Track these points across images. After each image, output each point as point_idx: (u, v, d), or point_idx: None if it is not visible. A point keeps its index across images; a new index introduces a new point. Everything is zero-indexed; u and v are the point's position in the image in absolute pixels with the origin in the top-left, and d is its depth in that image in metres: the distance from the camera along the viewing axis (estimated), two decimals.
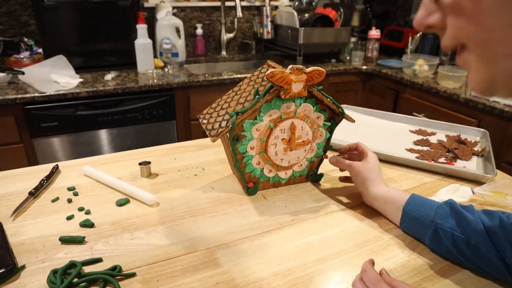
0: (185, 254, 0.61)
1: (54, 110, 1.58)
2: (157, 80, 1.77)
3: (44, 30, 1.75)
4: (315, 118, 0.75)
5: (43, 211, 0.72)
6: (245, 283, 0.55)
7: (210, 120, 0.73)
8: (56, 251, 0.61)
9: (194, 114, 1.87)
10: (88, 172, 0.85)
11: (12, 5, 1.92)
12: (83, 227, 0.67)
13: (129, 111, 1.72)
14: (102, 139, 1.74)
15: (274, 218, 0.71)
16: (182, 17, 2.29)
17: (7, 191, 0.79)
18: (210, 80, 1.84)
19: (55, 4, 1.71)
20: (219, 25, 2.42)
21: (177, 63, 2.13)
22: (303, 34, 2.15)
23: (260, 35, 2.45)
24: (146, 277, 0.56)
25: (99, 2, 1.80)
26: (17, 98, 1.49)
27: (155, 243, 0.64)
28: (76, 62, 1.83)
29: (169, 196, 0.78)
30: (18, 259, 0.59)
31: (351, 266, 0.59)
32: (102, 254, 0.61)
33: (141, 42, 1.88)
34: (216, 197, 0.78)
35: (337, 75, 2.21)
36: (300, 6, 2.50)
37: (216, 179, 0.85)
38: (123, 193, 0.78)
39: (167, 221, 0.70)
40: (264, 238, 0.65)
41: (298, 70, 0.66)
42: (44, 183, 0.79)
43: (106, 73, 1.82)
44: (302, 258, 0.61)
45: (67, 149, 1.69)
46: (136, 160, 0.91)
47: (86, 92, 1.61)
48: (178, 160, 0.94)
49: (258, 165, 0.75)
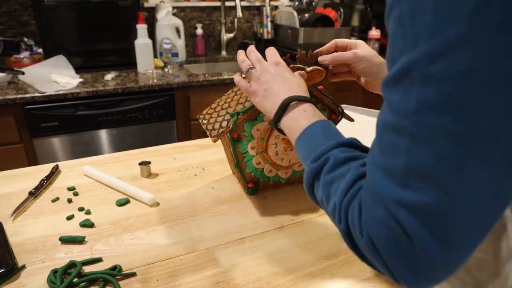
0: (185, 254, 0.61)
1: (54, 110, 1.58)
2: (157, 80, 1.77)
3: (44, 30, 1.75)
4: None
5: (43, 211, 0.72)
6: (245, 283, 0.55)
7: (210, 120, 0.73)
8: (56, 251, 0.61)
9: (194, 114, 1.86)
10: (88, 172, 0.85)
11: (12, 5, 1.92)
12: (83, 227, 0.67)
13: (129, 111, 1.72)
14: (102, 139, 1.74)
15: (274, 218, 0.71)
16: (182, 17, 2.29)
17: (7, 191, 0.79)
18: (210, 80, 1.83)
19: (55, 4, 1.71)
20: (219, 25, 2.42)
21: (177, 63, 2.12)
22: (303, 34, 2.15)
23: (260, 35, 2.45)
24: (146, 277, 0.56)
25: (99, 2, 1.79)
26: (17, 98, 1.49)
27: (155, 243, 0.64)
28: (76, 62, 1.83)
29: (169, 196, 0.78)
30: (18, 259, 0.59)
31: (351, 265, 0.59)
32: (102, 254, 0.61)
33: (141, 42, 1.88)
34: (216, 197, 0.78)
35: None
36: (300, 6, 2.50)
37: (216, 179, 0.85)
38: (123, 193, 0.78)
39: (167, 221, 0.70)
40: (264, 238, 0.65)
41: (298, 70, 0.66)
42: (44, 183, 0.79)
43: (106, 73, 1.81)
44: (302, 257, 0.61)
45: (67, 149, 1.69)
46: (136, 160, 0.91)
47: (86, 92, 1.61)
48: (178, 160, 0.94)
49: (259, 165, 0.75)
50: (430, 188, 0.27)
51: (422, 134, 0.27)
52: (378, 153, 0.31)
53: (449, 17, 0.25)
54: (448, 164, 0.26)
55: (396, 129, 0.29)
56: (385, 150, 0.30)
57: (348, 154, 0.39)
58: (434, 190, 0.27)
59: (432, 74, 0.26)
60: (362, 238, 0.32)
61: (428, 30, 0.26)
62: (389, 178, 0.30)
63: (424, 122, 0.27)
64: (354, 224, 0.34)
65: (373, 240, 0.31)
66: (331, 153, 0.40)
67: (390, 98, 0.30)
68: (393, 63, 0.29)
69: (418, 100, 0.27)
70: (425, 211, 0.27)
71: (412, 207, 0.28)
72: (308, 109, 0.50)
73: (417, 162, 0.27)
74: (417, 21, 0.26)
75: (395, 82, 0.29)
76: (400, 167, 0.29)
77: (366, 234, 0.32)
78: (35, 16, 1.74)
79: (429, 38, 0.26)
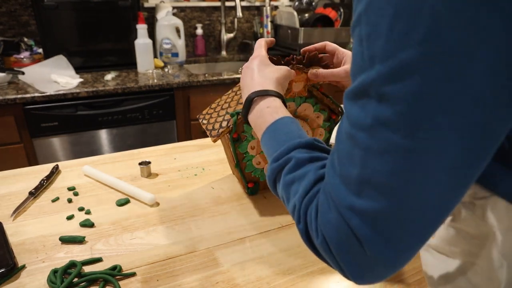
0: (185, 254, 0.61)
1: (54, 110, 1.58)
2: (157, 80, 1.77)
3: (44, 30, 1.75)
4: (315, 118, 0.75)
5: (43, 211, 0.72)
6: (245, 283, 0.55)
7: (210, 120, 0.73)
8: (56, 251, 0.61)
9: (194, 114, 1.86)
10: (88, 172, 0.85)
11: (12, 5, 1.92)
12: (83, 227, 0.67)
13: (129, 111, 1.72)
14: (102, 139, 1.74)
15: (274, 218, 0.71)
16: (182, 17, 2.29)
17: (7, 191, 0.79)
18: (210, 80, 1.84)
19: (55, 4, 1.71)
20: (219, 25, 2.42)
21: (177, 63, 2.12)
22: (303, 34, 2.15)
23: (260, 35, 2.45)
24: (146, 276, 0.56)
25: (99, 2, 1.79)
26: (17, 98, 1.49)
27: (155, 243, 0.64)
28: (76, 62, 1.83)
29: (169, 196, 0.78)
30: (18, 259, 0.59)
31: None
32: (102, 254, 0.61)
33: (141, 42, 1.88)
34: (216, 197, 0.78)
35: None
36: (300, 6, 2.50)
37: (216, 179, 0.85)
38: (123, 193, 0.78)
39: (167, 221, 0.70)
40: (264, 238, 0.65)
41: (298, 70, 0.66)
42: (44, 183, 0.79)
43: (106, 73, 1.81)
44: (302, 257, 0.61)
45: (67, 149, 1.69)
46: (136, 160, 0.91)
47: (86, 92, 1.61)
48: (178, 160, 0.94)
49: (259, 165, 0.75)
50: (380, 196, 0.29)
51: (375, 147, 0.29)
52: (336, 159, 0.33)
53: (401, 42, 0.26)
54: (398, 175, 0.28)
55: (352, 140, 0.31)
56: (342, 158, 0.32)
57: (308, 155, 0.41)
58: (384, 198, 0.29)
59: (386, 94, 0.28)
60: (317, 238, 0.35)
61: (382, 53, 0.27)
62: (344, 185, 0.32)
63: (378, 136, 0.29)
64: (311, 224, 0.36)
65: (327, 240, 0.33)
66: (292, 154, 0.42)
67: (349, 111, 0.31)
68: (354, 78, 0.31)
69: (374, 116, 0.29)
70: (375, 217, 0.30)
71: (363, 213, 0.30)
72: (271, 104, 0.50)
73: (370, 172, 0.29)
74: (373, 44, 0.28)
75: (355, 97, 0.31)
76: (354, 175, 0.31)
77: (321, 234, 0.34)
78: (35, 16, 1.74)
79: (383, 61, 0.27)
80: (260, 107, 0.51)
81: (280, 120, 0.47)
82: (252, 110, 0.52)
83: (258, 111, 0.51)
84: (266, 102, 0.51)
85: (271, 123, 0.48)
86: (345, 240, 0.32)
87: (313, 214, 0.35)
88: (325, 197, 0.34)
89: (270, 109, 0.49)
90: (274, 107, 0.50)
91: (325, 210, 0.34)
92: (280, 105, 0.50)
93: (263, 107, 0.50)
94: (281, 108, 0.50)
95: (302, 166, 0.40)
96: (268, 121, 0.48)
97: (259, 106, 0.51)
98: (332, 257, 0.34)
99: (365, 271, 0.32)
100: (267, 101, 0.51)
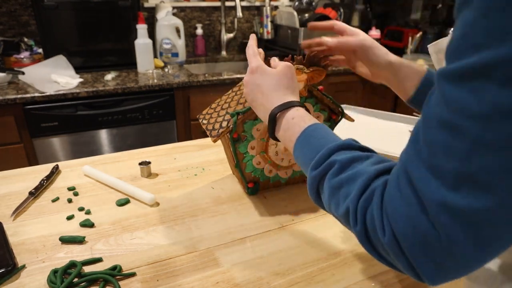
0: (185, 254, 0.61)
1: (54, 110, 1.58)
2: (157, 80, 1.77)
3: (44, 30, 1.75)
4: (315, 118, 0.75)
5: (43, 211, 0.72)
6: (245, 283, 0.55)
7: (210, 121, 0.73)
8: (56, 251, 0.61)
9: (194, 114, 1.86)
10: (88, 172, 0.85)
11: (12, 5, 1.92)
12: (83, 227, 0.67)
13: (129, 111, 1.72)
14: (102, 139, 1.74)
15: (274, 218, 0.71)
16: (182, 17, 2.29)
17: (7, 191, 0.79)
18: (210, 80, 1.83)
19: (55, 4, 1.71)
20: (219, 25, 2.42)
21: (177, 63, 2.12)
22: (303, 34, 2.15)
23: (260, 35, 2.44)
24: (146, 277, 0.56)
25: (99, 2, 1.79)
26: (17, 98, 1.49)
27: (155, 243, 0.64)
28: (76, 62, 1.83)
29: (169, 196, 0.78)
30: (18, 259, 0.59)
31: (351, 265, 0.59)
32: (102, 254, 0.61)
33: (141, 42, 1.88)
34: (216, 197, 0.78)
35: (337, 75, 2.21)
36: (300, 6, 2.50)
37: (216, 179, 0.85)
38: (123, 193, 0.78)
39: (167, 221, 0.70)
40: (264, 238, 0.65)
41: (298, 70, 0.66)
42: (44, 183, 0.79)
43: (106, 73, 1.81)
44: (302, 257, 0.61)
45: (67, 149, 1.69)
46: (136, 160, 0.91)
47: (86, 92, 1.61)
48: (178, 160, 0.94)
49: (259, 165, 0.75)
50: (483, 195, 0.26)
51: (489, 141, 0.25)
52: (425, 149, 0.29)
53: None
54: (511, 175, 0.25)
55: (453, 129, 0.27)
56: (435, 149, 0.28)
57: (351, 155, 0.38)
58: (486, 198, 0.26)
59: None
60: (384, 236, 0.31)
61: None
62: (436, 178, 0.28)
63: (495, 128, 0.24)
64: (374, 223, 0.32)
65: (398, 238, 0.30)
66: (333, 157, 0.39)
67: (451, 94, 0.27)
68: (462, 55, 0.26)
69: (494, 103, 0.24)
70: (470, 217, 0.26)
71: (458, 211, 0.27)
72: (295, 114, 0.49)
73: (475, 168, 0.26)
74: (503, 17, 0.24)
75: (463, 78, 0.26)
76: (451, 168, 0.27)
77: (389, 232, 0.31)
78: (35, 16, 1.74)
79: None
80: (286, 120, 0.49)
81: (310, 127, 0.46)
82: (278, 127, 0.50)
83: (285, 125, 0.49)
84: (290, 114, 0.49)
85: (301, 133, 0.46)
86: (422, 237, 0.28)
87: (375, 212, 0.32)
88: (397, 189, 0.31)
89: (296, 119, 0.48)
90: (299, 117, 0.48)
91: (397, 204, 0.30)
92: (304, 113, 0.49)
93: (288, 119, 0.49)
94: (307, 116, 0.48)
95: (348, 167, 0.38)
96: (297, 132, 0.46)
97: (284, 120, 0.49)
98: (402, 256, 0.31)
99: (443, 272, 0.29)
100: (291, 113, 0.49)
